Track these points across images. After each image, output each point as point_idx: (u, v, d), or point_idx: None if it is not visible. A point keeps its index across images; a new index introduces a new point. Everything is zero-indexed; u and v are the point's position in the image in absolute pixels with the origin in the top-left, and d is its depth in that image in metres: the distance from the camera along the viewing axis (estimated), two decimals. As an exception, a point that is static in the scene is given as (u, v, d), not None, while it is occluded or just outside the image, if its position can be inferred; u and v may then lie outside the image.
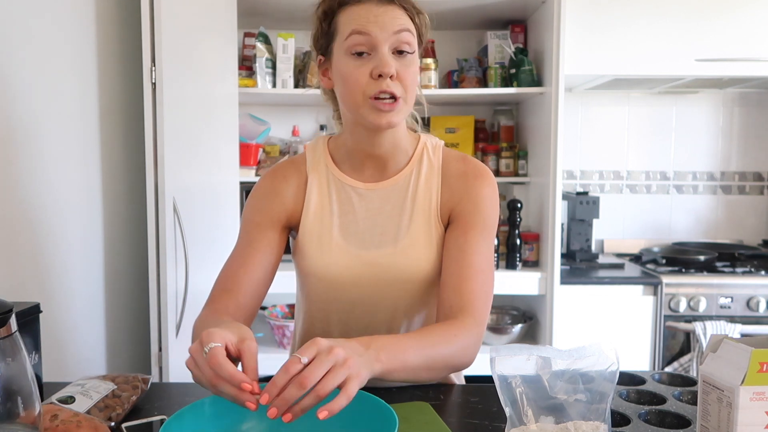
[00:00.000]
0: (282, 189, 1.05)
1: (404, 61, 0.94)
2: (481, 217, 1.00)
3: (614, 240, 2.88)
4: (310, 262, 1.03)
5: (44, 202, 1.44)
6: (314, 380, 0.66)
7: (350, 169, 1.05)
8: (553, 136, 2.26)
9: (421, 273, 1.01)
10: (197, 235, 1.87)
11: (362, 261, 1.01)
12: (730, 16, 2.33)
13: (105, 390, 0.92)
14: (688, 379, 1.03)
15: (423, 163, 1.04)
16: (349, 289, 1.02)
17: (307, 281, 1.06)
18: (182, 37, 1.79)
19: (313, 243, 1.02)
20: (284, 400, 0.66)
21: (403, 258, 1.00)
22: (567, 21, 2.23)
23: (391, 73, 0.91)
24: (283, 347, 2.41)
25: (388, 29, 0.92)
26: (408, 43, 0.93)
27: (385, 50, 0.92)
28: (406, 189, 1.03)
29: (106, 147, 1.74)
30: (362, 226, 1.03)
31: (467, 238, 0.99)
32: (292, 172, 1.07)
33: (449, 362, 0.89)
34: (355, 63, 0.93)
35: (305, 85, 2.50)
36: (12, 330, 0.66)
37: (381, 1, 0.93)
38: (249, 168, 2.52)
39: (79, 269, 1.60)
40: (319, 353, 0.69)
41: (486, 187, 1.02)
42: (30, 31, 1.38)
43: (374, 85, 0.92)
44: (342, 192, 1.04)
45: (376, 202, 1.03)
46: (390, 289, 1.02)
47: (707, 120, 2.85)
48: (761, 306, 2.24)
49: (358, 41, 0.92)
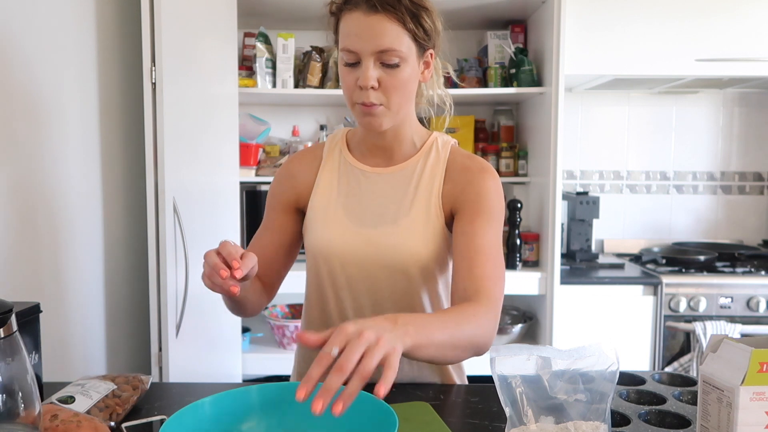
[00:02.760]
0: (295, 172, 1.14)
1: (389, 71, 0.98)
2: (486, 206, 1.03)
3: (614, 240, 2.88)
4: (314, 236, 1.09)
5: (44, 202, 1.44)
6: (353, 365, 0.66)
7: (360, 155, 1.12)
8: (553, 136, 2.26)
9: (417, 255, 1.04)
10: (197, 235, 1.87)
11: (361, 238, 1.06)
12: (730, 16, 2.33)
13: (105, 390, 0.92)
14: (688, 379, 1.03)
15: (430, 155, 1.10)
16: (346, 265, 1.06)
17: (310, 258, 1.11)
18: (182, 37, 1.79)
19: (317, 218, 1.09)
20: (328, 390, 0.65)
21: (399, 238, 1.04)
22: (567, 21, 2.23)
23: (369, 86, 0.98)
24: (283, 347, 2.41)
25: (371, 47, 0.96)
26: (392, 57, 0.97)
27: (369, 63, 0.98)
28: (411, 176, 1.08)
29: (106, 147, 1.74)
30: (365, 206, 1.08)
31: (473, 226, 1.01)
32: (307, 155, 1.15)
33: (472, 341, 0.89)
34: (347, 70, 1.01)
35: (305, 85, 2.50)
36: (12, 330, 0.66)
37: (369, 9, 0.96)
38: (249, 168, 2.52)
39: (80, 269, 1.60)
40: (349, 340, 0.69)
41: (489, 179, 1.05)
42: (30, 31, 1.38)
43: (358, 94, 1.00)
44: (351, 174, 1.11)
45: (381, 185, 1.09)
46: (386, 270, 1.05)
47: (707, 120, 2.85)
48: (761, 306, 2.24)
49: (348, 55, 0.99)
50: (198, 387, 1.08)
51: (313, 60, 2.49)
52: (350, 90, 1.01)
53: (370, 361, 0.67)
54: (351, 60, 0.99)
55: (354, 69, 0.99)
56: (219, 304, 2.09)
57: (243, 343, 2.40)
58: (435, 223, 1.05)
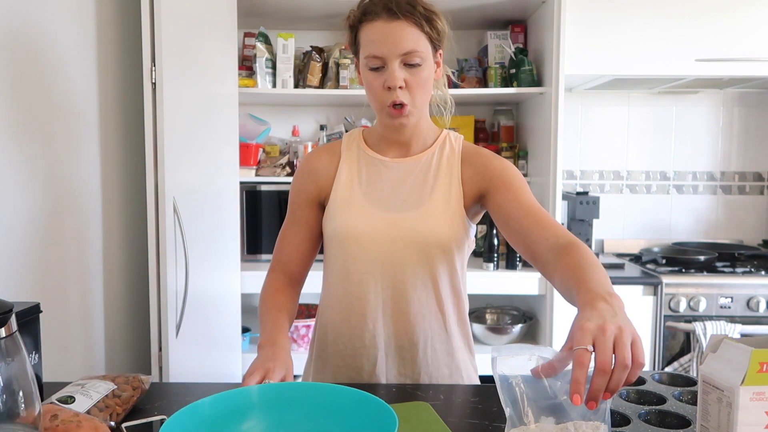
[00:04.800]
0: (315, 168, 1.20)
1: (412, 71, 1.07)
2: (513, 174, 1.12)
3: (614, 240, 2.88)
4: (337, 223, 1.14)
5: (44, 202, 1.44)
6: (611, 360, 0.68)
7: (379, 149, 1.19)
8: (553, 136, 2.26)
9: (440, 235, 1.12)
10: (197, 235, 1.87)
11: (386, 221, 1.13)
12: (730, 16, 2.33)
13: (105, 390, 0.92)
14: (688, 379, 1.03)
15: (445, 147, 1.19)
16: (371, 247, 1.12)
17: (333, 246, 1.16)
18: (182, 37, 1.79)
19: (341, 207, 1.15)
20: (598, 391, 0.68)
21: (422, 222, 1.12)
22: (567, 21, 2.23)
23: (397, 85, 1.06)
24: (283, 347, 2.40)
25: (397, 50, 1.05)
26: (414, 57, 1.06)
27: (394, 65, 1.06)
28: (429, 165, 1.17)
29: (106, 147, 1.74)
30: (387, 193, 1.15)
31: (515, 193, 1.09)
32: (326, 151, 1.22)
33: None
34: (373, 75, 1.09)
35: (305, 85, 2.50)
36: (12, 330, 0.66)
37: (390, 16, 1.05)
38: (249, 168, 2.52)
39: (79, 269, 1.60)
40: (596, 337, 0.70)
41: (502, 159, 1.16)
42: (30, 31, 1.38)
43: (387, 96, 1.08)
44: (371, 165, 1.18)
45: (401, 174, 1.16)
46: (408, 250, 1.12)
47: (707, 120, 2.85)
48: (761, 306, 2.24)
49: (373, 60, 1.07)
50: (198, 387, 1.08)
51: (313, 60, 2.49)
52: (378, 92, 1.09)
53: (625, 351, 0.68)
54: (376, 65, 1.07)
55: (380, 73, 1.08)
56: (219, 304, 2.10)
57: (243, 343, 2.40)
58: (455, 207, 1.13)
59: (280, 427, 0.79)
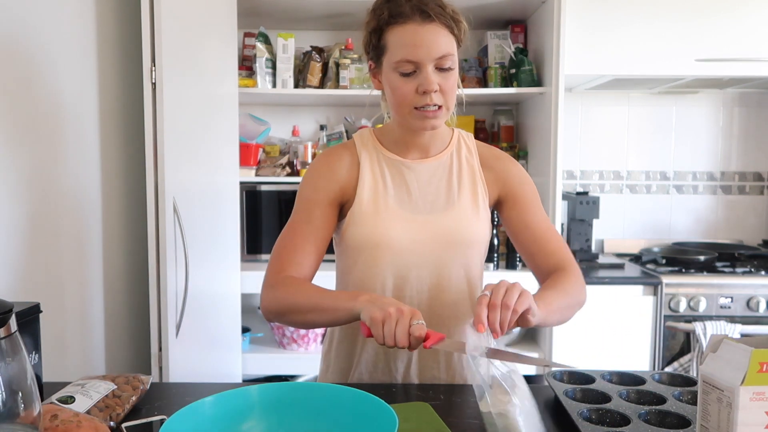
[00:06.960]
0: (337, 167, 1.15)
1: (445, 75, 1.05)
2: (529, 190, 1.19)
3: (614, 240, 2.88)
4: (368, 230, 1.12)
5: (44, 202, 1.44)
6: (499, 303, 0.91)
7: (398, 151, 1.17)
8: (553, 136, 2.26)
9: (471, 235, 1.14)
10: (197, 235, 1.87)
11: (418, 224, 1.12)
12: (730, 16, 2.33)
13: (105, 390, 0.92)
14: (688, 379, 1.03)
15: (462, 146, 1.20)
16: (404, 252, 1.11)
17: (361, 253, 1.13)
18: (182, 37, 1.79)
19: (370, 212, 1.12)
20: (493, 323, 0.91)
21: (455, 221, 1.13)
22: (567, 21, 2.23)
23: (434, 90, 1.04)
24: (283, 347, 2.41)
25: (433, 55, 1.03)
26: (447, 61, 1.04)
27: (429, 70, 1.03)
28: (450, 165, 1.17)
29: (106, 147, 1.74)
30: (415, 195, 1.14)
31: (530, 213, 1.17)
32: (344, 152, 1.18)
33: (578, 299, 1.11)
34: (403, 80, 1.05)
35: (305, 85, 2.50)
36: (12, 330, 0.66)
37: (424, 19, 1.02)
38: (249, 168, 2.52)
39: (79, 269, 1.60)
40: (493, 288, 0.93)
41: (518, 165, 1.21)
42: (30, 31, 1.38)
43: (420, 99, 1.05)
44: (393, 168, 1.16)
45: (425, 175, 1.16)
46: (441, 251, 1.12)
47: (707, 120, 2.85)
48: (761, 306, 2.24)
49: (406, 65, 1.04)
50: (198, 387, 1.08)
51: (313, 60, 2.49)
52: (408, 97, 1.05)
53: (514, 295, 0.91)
54: (409, 70, 1.04)
55: (411, 78, 1.04)
56: (219, 304, 2.10)
57: (243, 343, 2.40)
58: (482, 206, 1.16)
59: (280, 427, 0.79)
